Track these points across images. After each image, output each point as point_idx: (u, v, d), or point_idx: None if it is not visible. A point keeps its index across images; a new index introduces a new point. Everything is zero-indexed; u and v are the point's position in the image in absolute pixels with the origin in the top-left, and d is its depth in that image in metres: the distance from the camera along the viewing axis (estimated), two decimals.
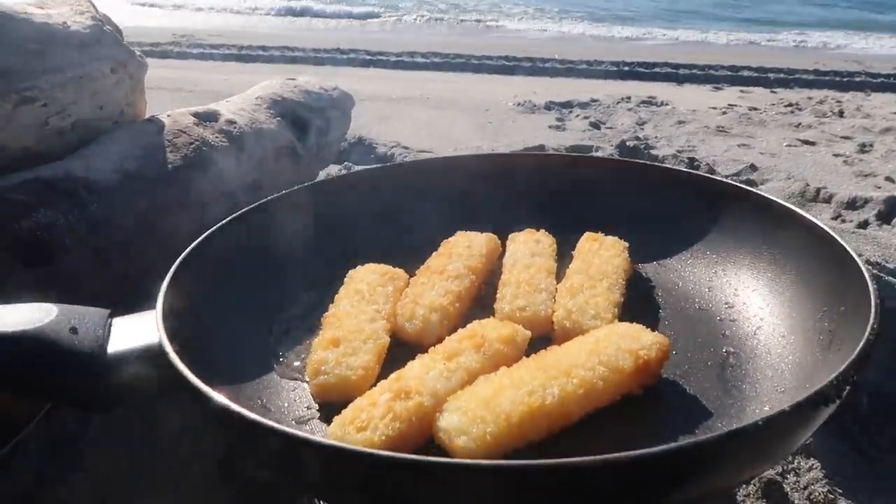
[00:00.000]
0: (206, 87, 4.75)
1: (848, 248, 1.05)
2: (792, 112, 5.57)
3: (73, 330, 0.87)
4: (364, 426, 0.89)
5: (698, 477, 0.76)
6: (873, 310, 0.90)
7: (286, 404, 1.02)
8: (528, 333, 1.09)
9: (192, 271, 1.07)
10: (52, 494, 1.34)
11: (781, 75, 6.85)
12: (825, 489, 1.44)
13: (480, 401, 0.91)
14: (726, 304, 1.22)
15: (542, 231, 1.37)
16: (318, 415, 1.01)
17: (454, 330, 1.12)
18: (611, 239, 1.32)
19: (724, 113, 5.27)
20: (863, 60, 8.73)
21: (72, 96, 1.69)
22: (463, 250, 1.29)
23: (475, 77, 6.23)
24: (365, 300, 1.16)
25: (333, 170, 2.83)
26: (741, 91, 6.31)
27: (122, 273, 1.55)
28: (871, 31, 11.89)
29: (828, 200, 3.17)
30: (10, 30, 1.54)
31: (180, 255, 1.09)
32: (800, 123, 4.94)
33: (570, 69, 6.54)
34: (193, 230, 1.78)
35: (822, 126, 4.92)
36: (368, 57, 6.63)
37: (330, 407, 1.01)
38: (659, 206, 1.39)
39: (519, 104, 4.95)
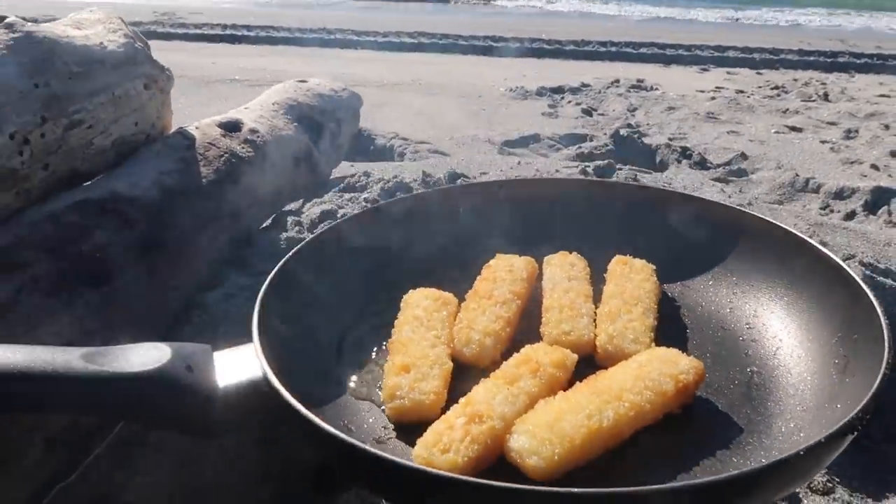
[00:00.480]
0: (196, 73, 4.78)
1: (859, 281, 1.22)
2: (778, 95, 5.75)
3: (189, 368, 1.00)
4: (447, 448, 1.04)
5: (743, 499, 0.92)
6: (887, 346, 1.06)
7: (364, 425, 1.16)
8: (576, 357, 1.23)
9: (272, 303, 1.20)
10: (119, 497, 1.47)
11: (766, 55, 7.03)
12: (824, 478, 1.64)
13: (546, 424, 1.06)
14: (747, 325, 1.38)
15: (575, 254, 1.52)
16: (394, 434, 1.15)
17: (505, 352, 1.28)
18: (640, 262, 1.48)
19: (713, 98, 5.43)
20: (846, 39, 8.97)
21: (112, 115, 1.79)
22: (505, 274, 1.43)
23: (463, 58, 6.32)
24: (424, 326, 1.30)
25: (344, 165, 2.94)
26: (727, 73, 6.48)
27: (173, 287, 1.68)
28: (852, 8, 12.14)
29: (816, 191, 3.36)
30: (58, 55, 1.63)
31: (262, 284, 1.22)
32: (787, 109, 5.12)
33: (557, 50, 6.66)
34: (227, 242, 1.92)
35: (808, 111, 5.10)
36: (355, 37, 6.68)
37: (403, 427, 1.16)
38: (681, 231, 1.55)
39: (511, 89, 5.07)
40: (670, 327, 1.38)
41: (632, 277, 1.42)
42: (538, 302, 1.42)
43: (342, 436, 0.91)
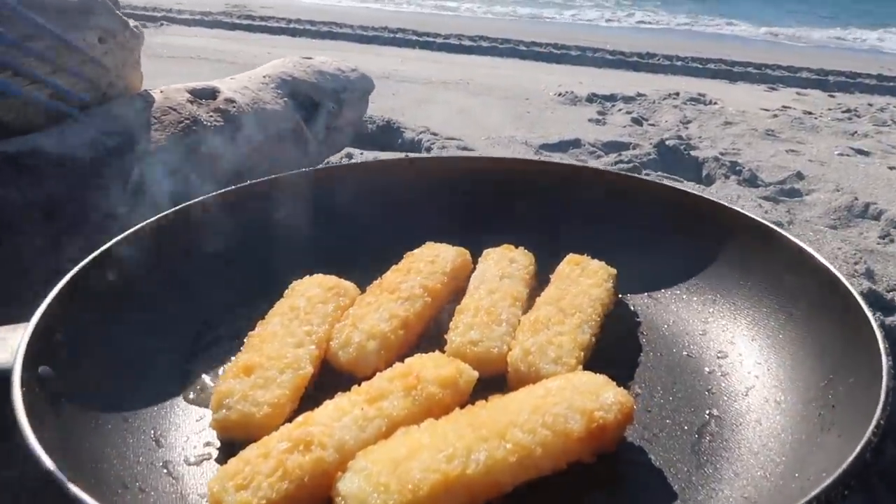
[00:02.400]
0: (246, 60, 4.63)
1: (867, 311, 0.84)
2: (849, 119, 5.18)
3: None
4: (245, 484, 0.73)
5: None
6: (882, 398, 0.69)
7: (185, 438, 0.87)
8: (475, 375, 0.91)
9: (96, 281, 0.93)
10: None
11: (842, 79, 6.41)
12: None
13: (389, 462, 0.74)
14: (719, 353, 1.02)
15: (521, 249, 1.18)
16: (216, 454, 0.86)
17: (396, 362, 0.96)
18: (596, 264, 1.13)
19: (776, 116, 4.92)
20: None
21: (50, 67, 1.56)
22: (424, 266, 1.11)
23: (521, 63, 5.98)
24: (299, 319, 0.99)
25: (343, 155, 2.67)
26: (797, 93, 5.91)
27: (70, 260, 1.43)
28: None
29: (876, 217, 2.88)
30: None
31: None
32: (856, 132, 4.57)
33: (620, 61, 6.21)
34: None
35: (879, 135, 4.54)
36: (415, 38, 6.43)
37: (239, 446, 0.86)
38: (658, 229, 1.19)
39: (560, 94, 4.70)
40: (619, 348, 1.03)
41: (580, 281, 1.08)
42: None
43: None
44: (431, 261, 1.13)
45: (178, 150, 1.70)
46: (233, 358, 0.96)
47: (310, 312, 1.01)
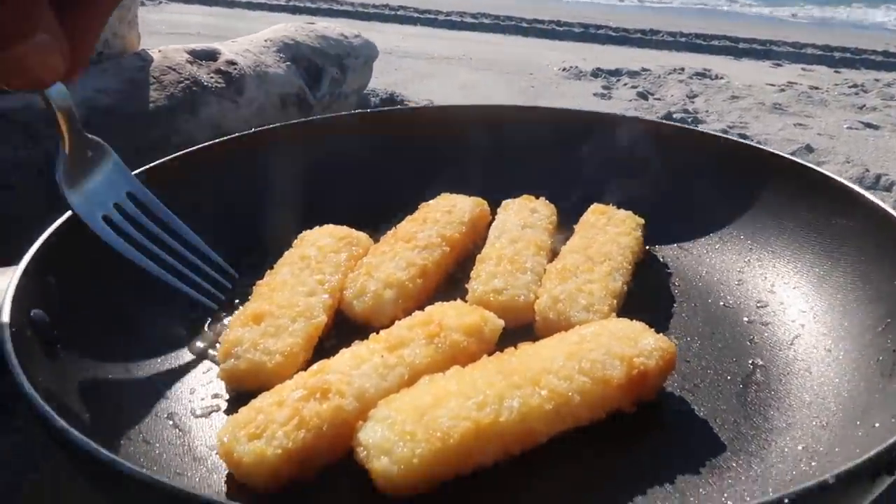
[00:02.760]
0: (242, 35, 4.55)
1: None
2: (856, 93, 5.09)
3: None
4: (258, 433, 0.66)
5: None
6: None
7: (190, 390, 0.80)
8: (501, 323, 0.84)
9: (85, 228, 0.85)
10: None
11: (847, 55, 6.30)
12: None
13: (414, 410, 0.67)
14: (758, 302, 0.95)
15: (542, 199, 1.11)
16: (226, 406, 0.79)
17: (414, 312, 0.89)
18: (623, 213, 1.06)
19: (783, 90, 4.83)
20: None
21: None
22: (441, 216, 1.04)
23: (523, 40, 5.88)
24: (310, 268, 0.92)
25: None
26: (803, 69, 5.81)
27: None
28: None
29: (888, 188, 2.81)
30: None
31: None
32: (864, 105, 4.49)
33: (623, 37, 6.11)
34: None
35: (888, 109, 4.46)
36: (417, 14, 6.32)
37: (248, 399, 0.79)
38: (688, 178, 1.12)
39: (564, 69, 4.61)
40: (650, 299, 0.97)
41: (606, 230, 1.01)
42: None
43: (51, 415, 0.54)
44: (448, 210, 1.05)
45: (182, 111, 1.63)
46: (241, 307, 0.89)
47: (321, 262, 0.94)
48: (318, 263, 0.93)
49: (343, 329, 0.89)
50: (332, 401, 0.69)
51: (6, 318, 0.64)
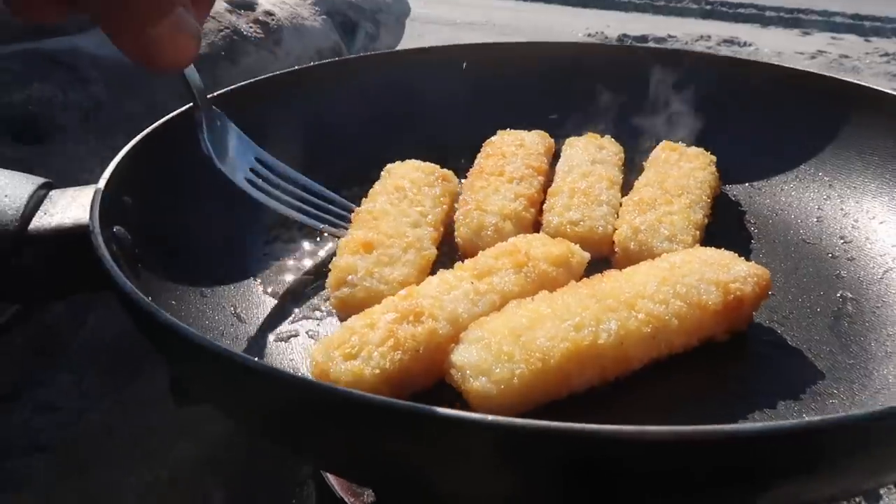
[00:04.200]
0: None
1: None
2: (888, 62, 4.98)
3: None
4: (354, 353, 0.64)
5: (812, 474, 0.48)
6: None
7: (266, 314, 0.78)
8: (587, 256, 0.81)
9: (164, 147, 0.83)
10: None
11: (878, 24, 6.16)
12: None
13: (510, 332, 0.65)
14: (842, 238, 0.92)
15: (608, 137, 1.08)
16: (303, 333, 0.77)
17: None
18: (694, 150, 1.02)
19: (813, 58, 4.73)
20: None
21: None
22: (516, 149, 1.01)
23: (545, 6, 5.79)
24: (407, 199, 0.89)
25: None
26: (832, 38, 5.68)
27: None
28: None
29: None
30: None
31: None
32: None
33: (647, 4, 6.00)
34: None
35: None
36: None
37: (323, 325, 0.77)
38: (758, 113, 1.08)
39: (590, 35, 4.54)
40: (727, 235, 0.93)
41: (680, 165, 0.98)
42: None
43: (156, 310, 0.52)
44: (520, 144, 1.02)
45: (222, 59, 1.60)
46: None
47: (418, 194, 0.90)
48: (415, 195, 0.90)
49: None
50: (425, 324, 0.67)
51: (97, 227, 0.62)
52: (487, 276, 0.75)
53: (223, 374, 0.50)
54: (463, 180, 0.99)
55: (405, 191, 0.91)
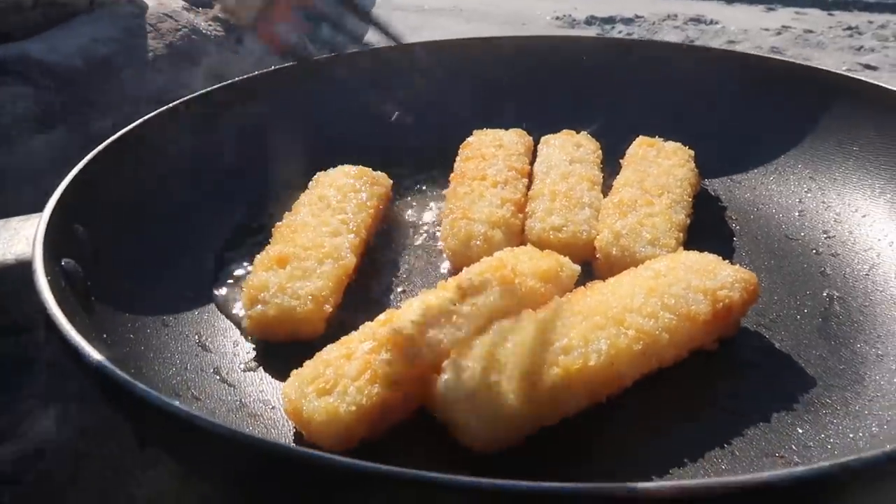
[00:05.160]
0: None
1: None
2: (851, 35, 5.01)
3: None
4: (328, 389, 0.60)
5: None
6: None
7: (233, 343, 0.74)
8: (577, 269, 0.77)
9: (112, 168, 0.77)
10: None
11: None
12: None
13: (494, 359, 0.61)
14: (824, 233, 0.89)
15: (584, 133, 1.04)
16: (272, 360, 0.72)
17: None
18: (672, 145, 0.99)
19: (779, 34, 4.74)
20: None
21: None
22: (495, 150, 0.97)
23: None
24: (330, 208, 0.85)
25: None
26: (796, 13, 5.70)
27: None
28: None
29: None
30: None
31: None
32: (861, 47, 4.42)
33: None
34: None
35: (885, 51, 4.39)
36: None
37: (280, 351, 0.72)
38: (734, 105, 1.05)
39: (557, 18, 4.48)
40: (708, 233, 0.91)
41: (658, 162, 0.94)
42: None
43: (87, 350, 0.47)
44: (499, 145, 0.98)
45: (181, 60, 1.53)
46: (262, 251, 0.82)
47: (343, 201, 0.87)
48: (338, 203, 0.86)
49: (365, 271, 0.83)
50: (405, 353, 0.63)
51: (39, 266, 0.57)
52: (472, 296, 0.71)
53: (182, 438, 0.45)
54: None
55: (328, 199, 0.88)
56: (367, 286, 0.83)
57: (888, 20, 5.91)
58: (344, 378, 0.60)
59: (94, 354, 0.48)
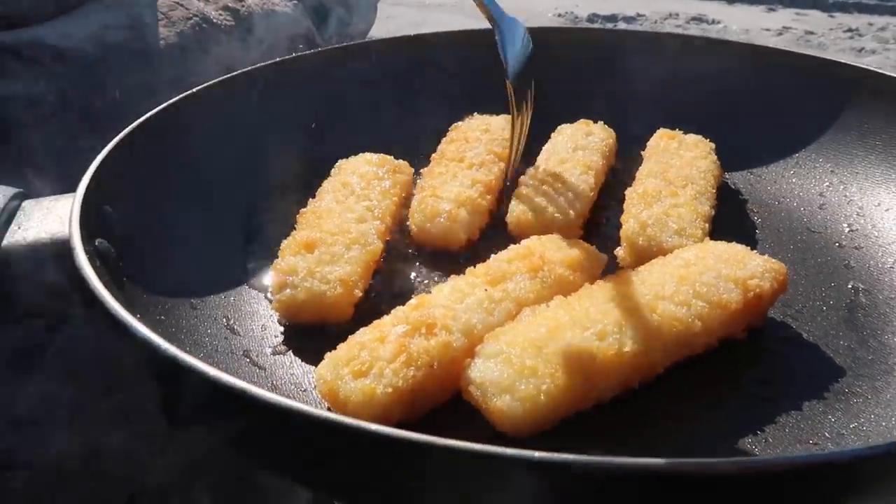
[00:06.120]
0: None
1: None
2: (851, 37, 5.05)
3: None
4: (364, 370, 0.60)
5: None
6: None
7: (262, 327, 0.74)
8: (605, 258, 0.78)
9: (142, 150, 0.77)
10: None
11: None
12: None
13: (530, 344, 0.61)
14: (847, 226, 0.90)
15: (600, 123, 1.04)
16: (301, 343, 0.72)
17: (490, 235, 0.85)
18: (693, 137, 0.99)
19: (780, 34, 4.77)
20: None
21: None
22: (480, 134, 0.98)
23: None
24: (354, 195, 0.85)
25: None
26: (796, 13, 5.73)
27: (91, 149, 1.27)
28: None
29: None
30: None
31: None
32: (862, 48, 4.45)
33: None
34: None
35: (886, 52, 4.43)
36: None
37: (310, 333, 0.72)
38: (754, 99, 1.05)
39: (560, 15, 4.50)
40: (731, 225, 0.91)
41: (681, 154, 0.95)
42: None
43: (149, 334, 0.47)
44: (485, 129, 0.99)
45: (192, 49, 1.52)
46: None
47: (366, 188, 0.87)
48: (362, 190, 0.86)
49: (394, 256, 0.83)
50: (438, 336, 0.63)
51: (78, 243, 0.56)
52: (501, 282, 0.71)
53: (232, 410, 0.45)
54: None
55: (352, 186, 0.88)
56: (393, 272, 0.83)
57: (888, 22, 5.94)
58: (379, 360, 0.60)
59: (146, 331, 0.47)
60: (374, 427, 0.43)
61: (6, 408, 1.10)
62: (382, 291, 0.79)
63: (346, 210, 0.82)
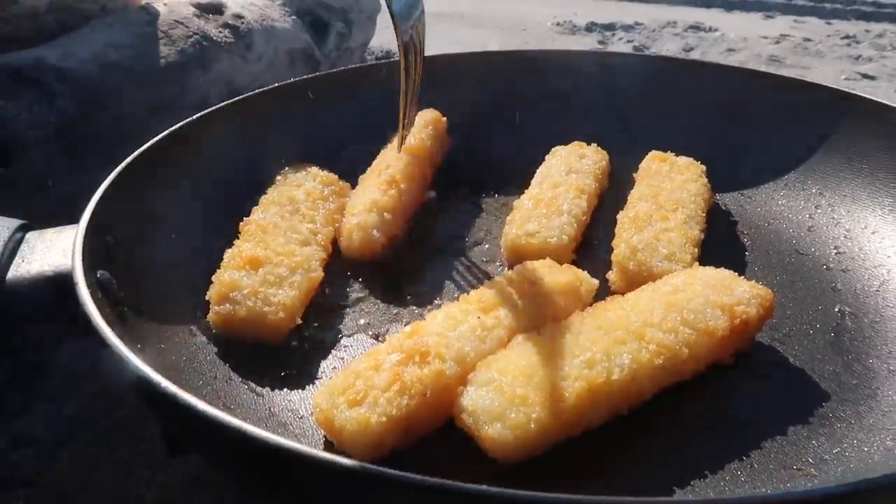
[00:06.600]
0: None
1: None
2: (849, 45, 5.06)
3: None
4: (359, 399, 0.62)
5: None
6: None
7: (259, 351, 0.75)
8: (596, 283, 0.80)
9: (152, 173, 0.79)
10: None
11: (838, 6, 6.26)
12: None
13: (521, 372, 0.63)
14: (835, 249, 0.91)
15: (594, 146, 1.06)
16: (296, 372, 0.74)
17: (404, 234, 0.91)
18: (684, 159, 1.01)
19: (777, 42, 4.78)
20: None
21: None
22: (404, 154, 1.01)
23: None
24: (299, 213, 0.87)
25: None
26: (794, 21, 5.75)
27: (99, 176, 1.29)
28: None
29: None
30: None
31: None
32: (859, 56, 4.46)
33: None
34: None
35: (883, 60, 4.43)
36: None
37: (315, 362, 0.74)
38: (743, 121, 1.07)
39: (558, 24, 4.51)
40: (721, 247, 0.93)
41: (672, 177, 0.97)
42: None
43: (149, 372, 0.49)
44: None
45: (193, 67, 1.55)
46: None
47: (312, 208, 0.89)
48: (308, 209, 0.88)
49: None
50: (432, 364, 0.64)
51: (80, 278, 0.58)
52: (493, 309, 0.73)
53: (232, 446, 0.47)
54: None
55: (298, 203, 0.89)
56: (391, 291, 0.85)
57: (885, 29, 5.98)
58: (374, 389, 0.62)
59: (151, 373, 0.49)
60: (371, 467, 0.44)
61: (6, 426, 1.12)
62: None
63: (291, 229, 0.83)
